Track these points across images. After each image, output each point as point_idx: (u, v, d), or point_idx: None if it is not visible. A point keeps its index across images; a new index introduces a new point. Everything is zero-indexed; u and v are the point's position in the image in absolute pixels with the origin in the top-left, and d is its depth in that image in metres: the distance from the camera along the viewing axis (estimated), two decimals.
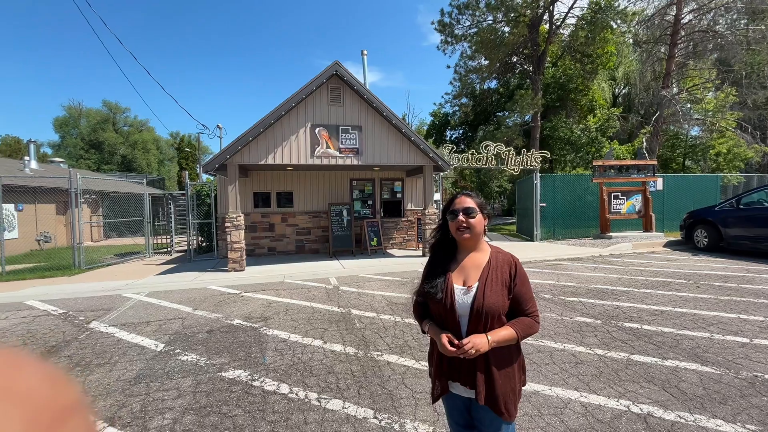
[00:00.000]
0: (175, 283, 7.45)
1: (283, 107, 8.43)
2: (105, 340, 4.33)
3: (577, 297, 5.66)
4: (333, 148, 8.96)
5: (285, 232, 11.14)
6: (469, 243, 1.53)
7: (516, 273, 1.47)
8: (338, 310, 5.25)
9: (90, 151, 39.54)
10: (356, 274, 7.95)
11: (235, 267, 8.43)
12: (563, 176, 14.16)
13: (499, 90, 25.47)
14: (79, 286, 7.32)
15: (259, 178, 10.91)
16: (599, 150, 20.90)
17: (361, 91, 8.99)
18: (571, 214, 13.26)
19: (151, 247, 12.31)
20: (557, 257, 9.44)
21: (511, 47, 19.50)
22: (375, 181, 11.76)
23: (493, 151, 12.64)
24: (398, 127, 9.23)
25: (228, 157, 8.29)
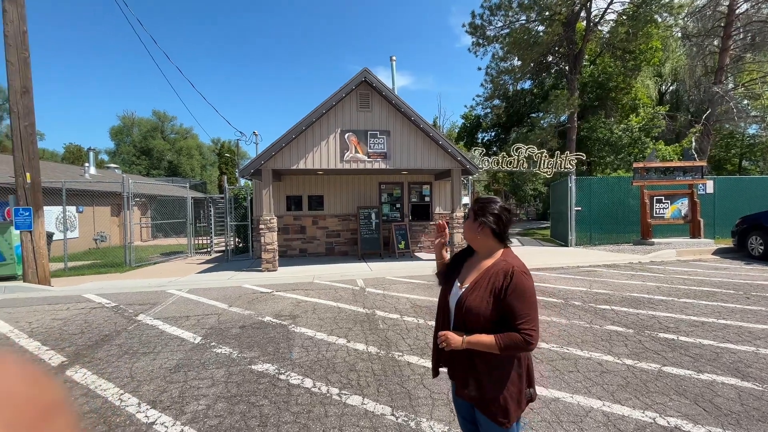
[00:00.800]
0: (213, 281, 7.92)
1: (314, 114, 8.75)
2: (150, 331, 4.73)
3: (609, 305, 5.45)
4: (362, 152, 9.17)
5: (315, 234, 11.48)
6: (473, 245, 1.60)
7: (509, 284, 1.41)
8: (363, 311, 5.39)
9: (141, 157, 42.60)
10: (383, 277, 8.06)
11: (268, 267, 8.82)
12: (601, 179, 13.54)
13: (533, 90, 24.78)
14: (129, 282, 7.98)
15: (291, 182, 11.34)
16: (642, 151, 19.76)
17: (390, 96, 9.14)
18: (609, 218, 12.65)
19: (192, 247, 13.11)
20: (591, 263, 9.07)
21: (546, 47, 18.96)
22: (403, 185, 11.86)
23: (524, 154, 12.36)
24: (426, 131, 9.28)
25: (262, 163, 8.71)
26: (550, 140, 18.83)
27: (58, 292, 7.16)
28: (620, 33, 18.46)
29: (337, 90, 8.91)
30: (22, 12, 7.56)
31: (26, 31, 7.57)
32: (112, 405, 2.97)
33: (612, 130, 19.59)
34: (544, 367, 3.46)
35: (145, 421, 2.74)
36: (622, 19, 18.42)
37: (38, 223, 7.73)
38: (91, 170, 19.89)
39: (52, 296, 6.90)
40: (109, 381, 3.38)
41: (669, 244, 11.15)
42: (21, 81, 7.48)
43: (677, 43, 24.37)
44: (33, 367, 0.35)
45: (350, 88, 8.95)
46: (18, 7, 7.50)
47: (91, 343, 4.37)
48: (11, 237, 8.09)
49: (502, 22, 19.40)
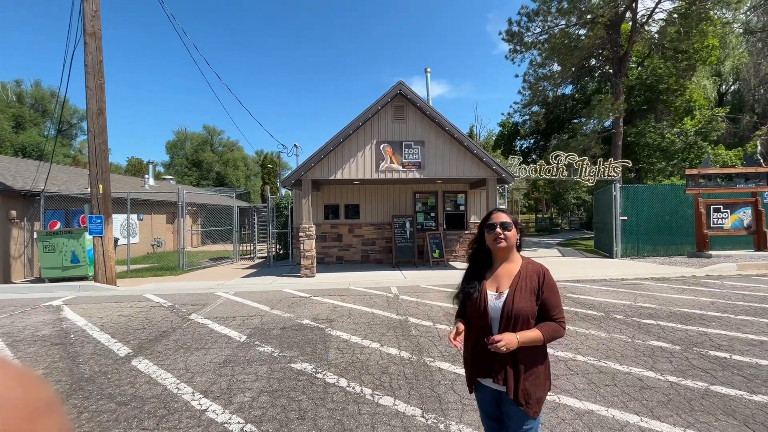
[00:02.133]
0: (256, 285, 8.40)
1: (351, 126, 9.11)
2: (201, 329, 5.16)
3: (654, 320, 5.17)
4: (396, 162, 9.38)
5: (352, 242, 11.79)
6: (503, 253, 1.71)
7: (543, 281, 1.62)
8: (396, 317, 5.51)
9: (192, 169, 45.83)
10: (416, 285, 8.14)
11: (306, 273, 9.19)
12: (649, 186, 12.77)
13: (575, 96, 23.89)
14: (183, 284, 8.67)
15: (329, 192, 11.78)
16: (699, 156, 18.36)
17: (424, 107, 9.32)
18: (659, 228, 11.87)
19: (237, 253, 13.91)
20: (638, 276, 8.58)
21: (588, 50, 18.31)
22: (438, 194, 11.91)
23: (564, 161, 11.98)
24: (460, 140, 9.33)
25: (302, 174, 9.17)
26: (593, 147, 18.02)
27: (123, 292, 7.95)
28: (671, 33, 17.43)
29: (373, 103, 9.22)
30: (100, 44, 8.61)
31: (102, 60, 8.61)
32: (171, 392, 3.32)
33: (663, 135, 18.40)
34: (579, 380, 3.40)
35: (199, 408, 3.04)
36: (672, 18, 17.40)
37: (108, 229, 8.65)
38: (150, 181, 21.75)
39: (118, 295, 7.67)
40: (168, 371, 3.76)
41: (729, 256, 10.28)
42: (97, 104, 8.49)
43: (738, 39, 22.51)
44: (23, 369, 0.34)
45: (386, 101, 9.23)
46: (96, 40, 8.56)
47: (152, 337, 4.86)
48: (84, 242, 9.10)
49: (540, 28, 19.01)
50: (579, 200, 31.81)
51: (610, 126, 19.31)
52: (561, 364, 3.74)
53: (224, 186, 42.95)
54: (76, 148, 38.02)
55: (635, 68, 21.17)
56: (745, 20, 21.68)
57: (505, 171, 9.53)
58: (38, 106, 33.92)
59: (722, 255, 10.43)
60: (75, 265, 9.09)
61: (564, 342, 4.36)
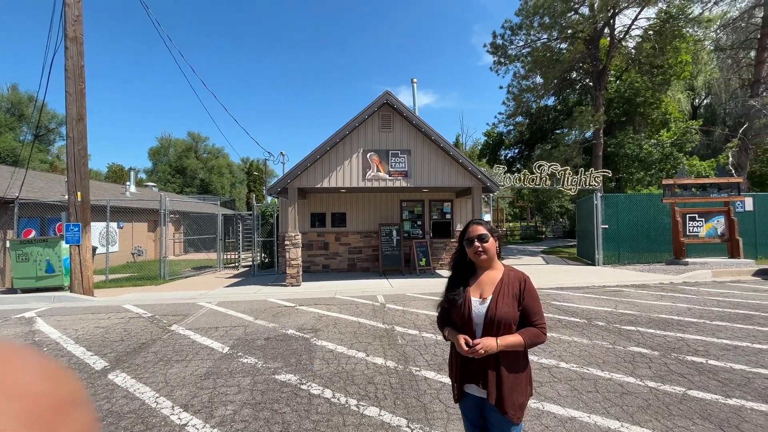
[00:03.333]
0: (240, 294, 8.26)
1: (337, 135, 9.14)
2: (183, 340, 5.03)
3: (634, 326, 5.30)
4: (383, 171, 9.44)
5: (338, 250, 11.74)
6: (485, 263, 1.75)
7: (525, 288, 1.67)
8: (383, 326, 5.50)
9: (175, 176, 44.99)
10: (403, 293, 8.15)
11: (292, 282, 9.09)
12: (629, 196, 13.17)
13: (557, 107, 24.60)
14: (163, 294, 8.45)
15: (315, 200, 11.74)
16: (675, 167, 19.05)
17: (410, 116, 9.43)
18: (639, 237, 12.22)
19: (221, 262, 13.66)
20: (619, 283, 8.79)
21: (569, 64, 18.93)
22: (424, 202, 12.00)
23: (547, 171, 12.27)
24: (446, 149, 9.47)
25: (289, 181, 9.13)
26: (575, 157, 18.54)
27: (101, 302, 7.69)
28: (647, 48, 18.20)
29: (360, 112, 9.29)
30: (81, 49, 8.45)
31: (83, 65, 8.45)
32: (149, 407, 3.22)
33: (641, 146, 19.06)
34: (562, 387, 3.44)
35: (178, 422, 2.96)
36: (648, 35, 18.18)
37: (86, 238, 8.39)
38: (131, 188, 21.25)
39: (95, 306, 7.42)
40: (146, 385, 3.65)
41: (704, 264, 10.64)
42: (77, 109, 8.30)
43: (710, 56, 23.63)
44: (51, 362, 0.34)
45: (372, 110, 9.31)
46: (77, 45, 8.40)
47: (130, 349, 4.70)
48: (60, 250, 8.80)
49: (523, 42, 19.59)
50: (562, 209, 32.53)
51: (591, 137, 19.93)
52: (545, 371, 3.79)
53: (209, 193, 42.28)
54: (53, 154, 36.91)
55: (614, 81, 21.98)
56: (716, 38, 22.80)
57: (490, 180, 9.68)
58: (15, 110, 32.90)
59: (698, 262, 10.79)
60: (50, 275, 8.77)
61: (548, 349, 4.42)
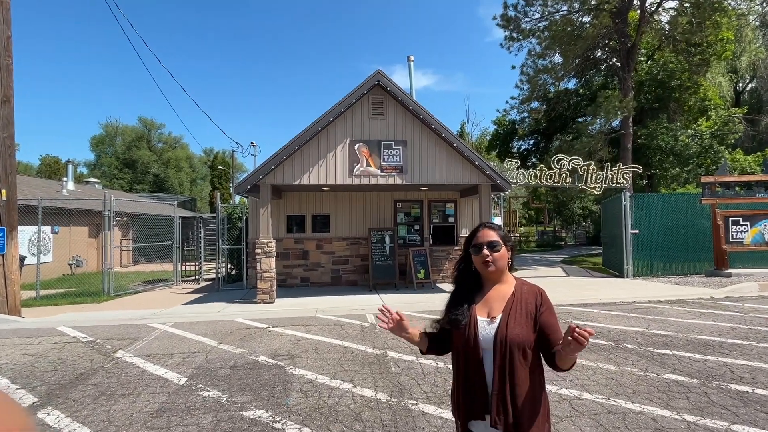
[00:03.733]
0: (201, 314, 8.20)
1: (319, 122, 9.13)
2: (130, 370, 4.95)
3: (670, 349, 5.38)
4: (374, 165, 9.45)
5: (320, 260, 11.70)
6: (493, 276, 1.75)
7: (542, 303, 1.67)
8: (373, 351, 5.50)
9: (124, 171, 44.52)
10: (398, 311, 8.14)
11: (264, 298, 9.04)
12: (663, 195, 13.41)
13: (579, 91, 24.93)
14: (107, 313, 8.33)
15: (292, 200, 11.70)
16: (716, 162, 19.47)
17: (406, 101, 9.48)
18: (675, 243, 12.42)
19: (178, 275, 13.51)
20: (651, 299, 8.94)
21: (592, 41, 19.21)
22: (423, 203, 12.05)
23: (567, 166, 12.41)
24: (449, 140, 9.52)
25: (260, 178, 9.08)
26: (599, 149, 18.79)
27: (29, 324, 7.54)
28: (682, 24, 18.56)
29: (347, 95, 9.30)
30: (7, 16, 8.32)
31: (10, 36, 8.31)
32: None
33: (677, 137, 19.41)
34: (585, 422, 3.47)
35: None
36: (684, 8, 18.56)
37: (11, 245, 8.22)
38: (69, 185, 20.94)
39: (22, 328, 7.27)
40: (84, 425, 3.57)
41: (750, 275, 10.86)
42: (2, 90, 8.16)
43: (755, 33, 24.25)
44: None
45: (361, 93, 9.33)
46: (3, 11, 8.27)
47: (65, 382, 4.61)
48: None
49: (539, 13, 19.84)
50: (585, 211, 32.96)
51: (619, 126, 20.22)
52: (565, 404, 3.81)
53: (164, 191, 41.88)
54: None
55: (645, 62, 22.36)
56: (761, 12, 23.39)
57: (500, 176, 9.76)
58: None
59: (743, 273, 11.01)
60: None
61: (569, 377, 4.44)
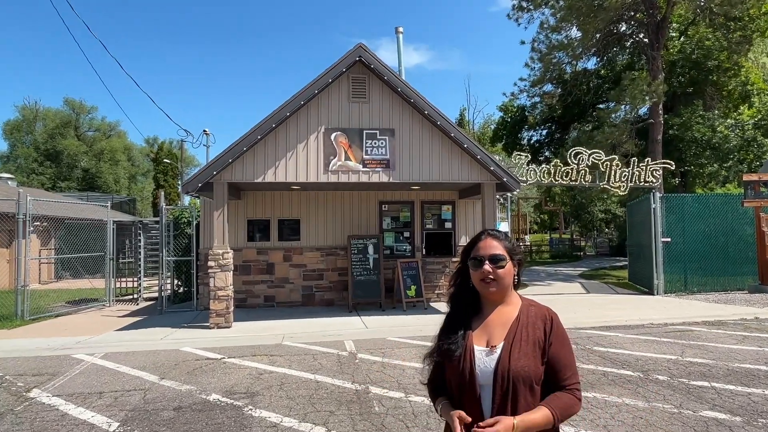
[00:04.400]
0: (140, 342, 8.05)
1: (288, 106, 9.06)
2: (47, 414, 4.79)
3: (708, 381, 5.46)
4: (354, 159, 9.42)
5: (288, 275, 11.61)
6: (495, 296, 1.72)
7: (552, 330, 1.64)
8: (352, 387, 5.45)
9: (45, 164, 43.63)
10: (383, 337, 8.13)
11: (218, 322, 8.91)
12: (698, 196, 13.69)
13: (600, 72, 25.35)
14: (20, 342, 8.08)
15: (255, 202, 11.59)
16: (761, 157, 20.00)
17: (394, 82, 9.48)
18: (713, 254, 12.65)
19: (112, 293, 13.22)
20: (686, 320, 9.10)
21: (616, 12, 19.57)
22: (414, 205, 12.06)
23: (587, 161, 12.57)
24: (445, 129, 9.55)
25: (214, 174, 8.96)
26: (624, 142, 19.11)
27: None
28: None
29: (322, 73, 9.26)
30: None
31: None
32: None
33: (714, 128, 19.86)
34: None
35: None
36: None
37: None
38: None
39: None
40: None
41: None
42: None
43: None
44: None
45: (339, 71, 9.30)
46: None
47: None
48: None
49: None
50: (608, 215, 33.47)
51: (647, 114, 20.62)
52: None
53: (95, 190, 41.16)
54: None
55: (677, 38, 22.88)
56: None
57: (507, 173, 9.83)
58: None
59: None
60: None
61: (588, 416, 4.46)
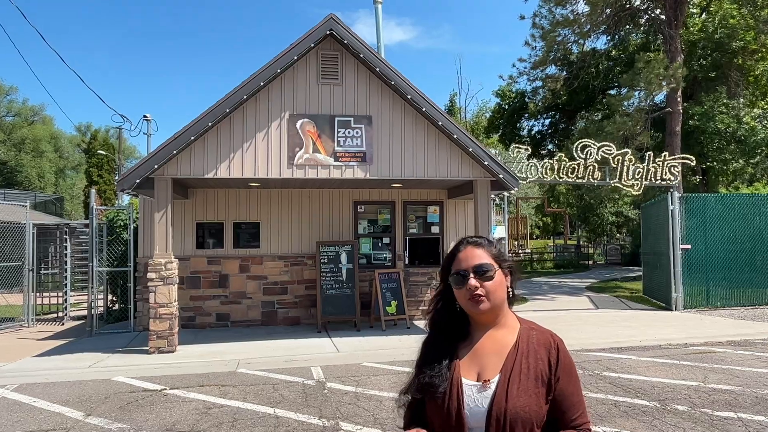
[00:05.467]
0: (64, 370, 7.81)
1: (245, 88, 8.92)
2: None
3: (734, 411, 5.52)
4: (324, 152, 9.33)
5: (246, 288, 11.45)
6: (488, 317, 1.64)
7: (558, 361, 1.57)
8: (319, 423, 5.36)
9: None
10: (357, 363, 8.07)
11: (160, 346, 8.72)
12: (722, 197, 13.94)
13: (611, 53, 25.72)
14: None
15: (205, 202, 11.42)
16: None
17: (372, 61, 9.41)
18: (739, 262, 12.88)
19: (32, 311, 12.88)
20: (709, 339, 9.23)
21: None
22: (395, 206, 12.02)
23: (596, 155, 12.69)
24: (432, 117, 9.52)
25: (156, 167, 8.77)
26: (638, 133, 19.39)
27: None
28: None
29: (286, 49, 9.13)
30: None
31: None
32: None
33: (740, 118, 20.26)
34: None
35: None
36: None
37: None
38: None
39: None
40: None
41: None
42: None
43: None
44: None
45: (307, 47, 9.19)
46: None
47: None
48: None
49: None
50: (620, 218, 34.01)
51: (663, 102, 20.98)
52: None
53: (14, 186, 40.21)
54: None
55: (698, 15, 23.36)
56: None
57: (504, 169, 9.84)
58: None
59: None
60: None
61: None
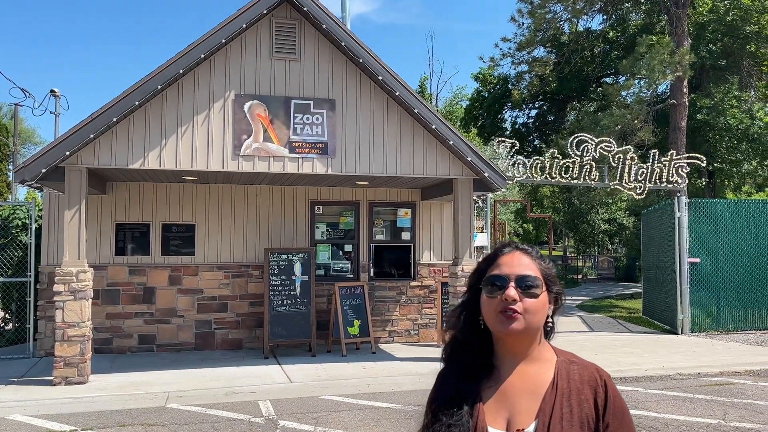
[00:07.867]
0: None
1: (180, 60, 8.76)
2: None
3: None
4: (278, 141, 9.26)
5: (176, 305, 11.27)
6: (518, 344, 1.58)
7: (607, 402, 1.52)
8: None
9: None
10: (315, 396, 7.97)
11: (68, 375, 8.49)
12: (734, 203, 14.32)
13: (608, 34, 26.24)
14: None
15: (128, 198, 11.22)
16: None
17: (337, 32, 9.38)
18: (754, 279, 13.25)
19: None
20: (724, 368, 9.42)
21: None
22: (360, 208, 12.02)
23: (593, 153, 12.88)
24: (407, 103, 9.54)
25: (68, 154, 8.53)
26: (639, 128, 19.82)
27: None
28: None
29: (233, 15, 9.02)
30: None
31: None
32: None
33: (753, 113, 20.90)
34: None
35: None
36: None
37: None
38: None
39: None
40: None
41: None
42: None
43: None
44: None
45: (258, 13, 9.10)
46: None
47: None
48: None
49: None
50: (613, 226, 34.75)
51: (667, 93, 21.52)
52: None
53: None
54: None
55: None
56: None
57: (490, 167, 9.93)
58: None
59: None
60: None
61: None
